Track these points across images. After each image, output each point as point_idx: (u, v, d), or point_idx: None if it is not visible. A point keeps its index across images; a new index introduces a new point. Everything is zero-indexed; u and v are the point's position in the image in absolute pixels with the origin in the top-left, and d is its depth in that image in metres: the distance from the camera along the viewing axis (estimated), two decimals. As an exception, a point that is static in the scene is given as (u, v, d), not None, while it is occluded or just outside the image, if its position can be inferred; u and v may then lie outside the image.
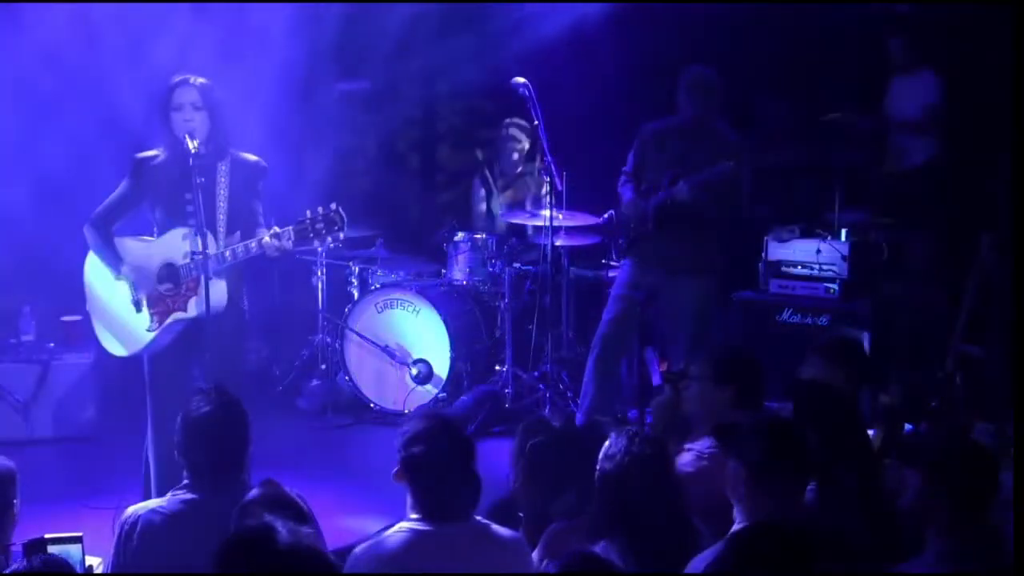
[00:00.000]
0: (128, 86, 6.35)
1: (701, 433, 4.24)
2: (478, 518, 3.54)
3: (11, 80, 6.64)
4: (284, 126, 7.11)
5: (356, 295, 7.42)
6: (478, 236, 7.47)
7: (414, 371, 7.04)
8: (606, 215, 6.75)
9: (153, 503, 3.74)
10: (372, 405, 7.15)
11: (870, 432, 4.37)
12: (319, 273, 7.52)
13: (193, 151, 4.71)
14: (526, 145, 7.61)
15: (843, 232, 6.84)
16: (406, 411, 6.81)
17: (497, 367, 7.25)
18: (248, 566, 2.57)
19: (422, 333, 7.07)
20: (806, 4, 7.64)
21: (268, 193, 5.16)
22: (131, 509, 3.72)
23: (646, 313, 6.43)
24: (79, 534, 3.87)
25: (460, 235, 7.46)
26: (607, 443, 3.58)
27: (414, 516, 3.45)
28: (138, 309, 4.92)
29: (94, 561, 4.05)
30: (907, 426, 5.12)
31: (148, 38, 6.56)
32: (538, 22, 7.87)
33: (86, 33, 6.56)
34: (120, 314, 4.98)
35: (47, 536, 3.76)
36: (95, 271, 5.08)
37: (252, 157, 5.04)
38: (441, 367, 7.03)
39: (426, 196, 9.15)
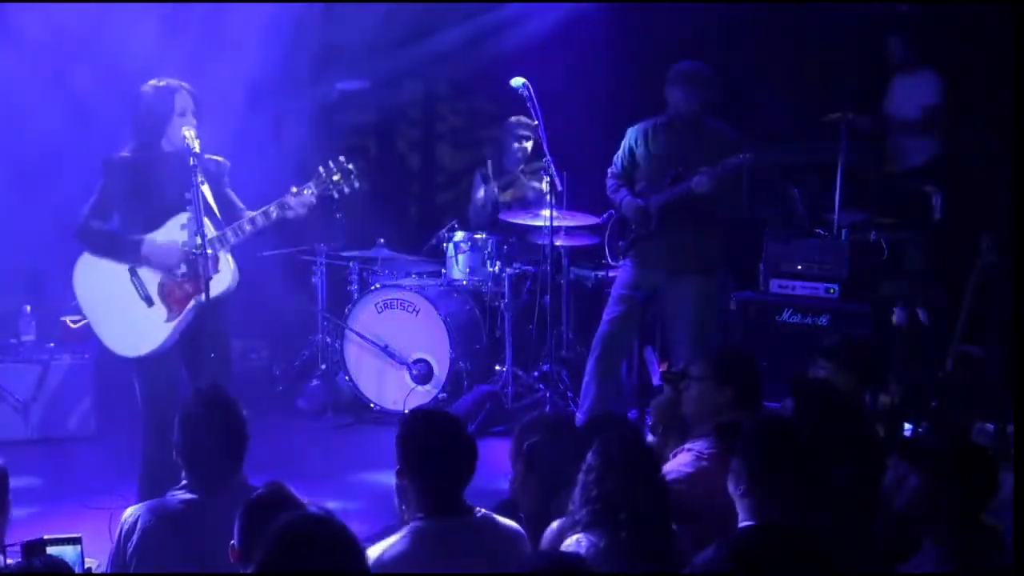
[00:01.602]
0: (127, 85, 6.34)
1: (701, 433, 4.23)
2: (481, 510, 3.54)
3: (8, 79, 6.64)
4: (282, 126, 7.11)
5: (356, 295, 7.42)
6: (478, 236, 7.46)
7: (414, 371, 7.04)
8: (606, 215, 6.75)
9: (152, 503, 3.73)
10: (372, 405, 7.15)
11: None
12: (319, 273, 7.52)
13: (196, 150, 4.70)
14: (531, 144, 7.58)
15: (843, 232, 6.83)
16: (406, 411, 6.79)
17: (497, 367, 7.25)
18: (308, 544, 2.60)
19: (422, 333, 7.07)
20: (806, 4, 7.63)
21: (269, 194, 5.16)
22: (130, 509, 3.72)
23: (646, 313, 6.42)
24: (78, 535, 3.86)
25: (460, 235, 7.46)
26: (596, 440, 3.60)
27: (419, 515, 3.45)
28: (150, 304, 4.88)
29: (93, 563, 4.04)
30: (907, 426, 5.11)
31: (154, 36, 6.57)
32: (538, 21, 7.87)
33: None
34: (129, 313, 4.89)
35: (46, 537, 3.75)
36: (89, 276, 4.98)
37: (216, 157, 5.05)
38: (441, 367, 7.03)
39: (426, 196, 9.14)
